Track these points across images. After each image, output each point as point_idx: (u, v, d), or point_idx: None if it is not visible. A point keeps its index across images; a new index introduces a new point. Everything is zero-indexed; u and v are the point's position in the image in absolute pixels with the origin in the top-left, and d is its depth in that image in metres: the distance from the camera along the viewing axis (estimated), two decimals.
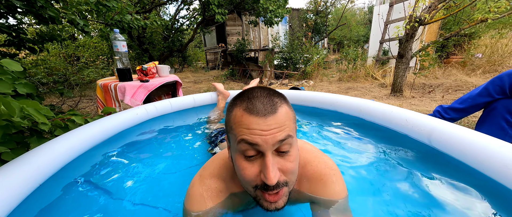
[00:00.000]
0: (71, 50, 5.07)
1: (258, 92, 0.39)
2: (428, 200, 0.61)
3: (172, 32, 6.05)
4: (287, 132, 0.37)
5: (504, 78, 1.09)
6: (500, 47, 3.86)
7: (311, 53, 4.75)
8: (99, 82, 1.53)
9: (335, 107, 1.39)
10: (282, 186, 0.38)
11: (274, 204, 0.39)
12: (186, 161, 0.98)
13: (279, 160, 0.38)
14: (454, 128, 0.73)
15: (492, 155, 0.58)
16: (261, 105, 0.36)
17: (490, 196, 0.58)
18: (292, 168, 0.38)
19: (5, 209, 0.51)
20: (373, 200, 0.65)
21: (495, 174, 0.57)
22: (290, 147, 0.38)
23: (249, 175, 0.38)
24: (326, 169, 0.47)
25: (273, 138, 0.35)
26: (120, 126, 1.16)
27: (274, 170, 0.36)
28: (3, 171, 0.55)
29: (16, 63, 0.75)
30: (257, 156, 0.37)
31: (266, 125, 0.35)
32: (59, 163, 0.73)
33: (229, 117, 0.40)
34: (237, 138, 0.37)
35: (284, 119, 0.37)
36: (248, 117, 0.36)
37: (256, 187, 0.39)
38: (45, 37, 2.44)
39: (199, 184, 0.48)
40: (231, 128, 0.39)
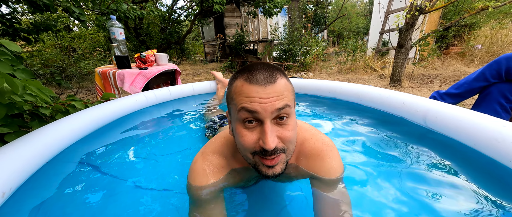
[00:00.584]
0: (66, 41, 4.98)
1: (258, 65, 0.40)
2: (424, 181, 0.63)
3: (169, 24, 5.94)
4: (286, 101, 0.38)
5: (501, 61, 1.10)
6: (499, 38, 3.84)
7: (311, 44, 4.71)
8: (98, 69, 1.53)
9: (334, 94, 1.40)
10: (280, 152, 0.40)
11: (271, 170, 0.40)
12: (185, 145, 1.00)
13: (277, 129, 0.39)
14: (447, 108, 0.75)
15: (482, 131, 0.60)
16: (261, 75, 0.38)
17: (479, 171, 0.61)
18: (290, 137, 0.40)
19: (15, 182, 0.53)
20: (372, 184, 0.66)
21: (485, 148, 0.59)
22: (288, 116, 0.39)
23: (248, 141, 0.39)
24: (323, 145, 0.49)
25: (271, 106, 0.36)
26: (120, 111, 1.17)
27: (272, 136, 0.37)
28: (13, 146, 0.57)
29: (15, 44, 0.75)
30: (257, 125, 0.39)
31: (265, 93, 0.36)
32: (64, 143, 0.74)
33: (230, 89, 0.42)
34: (238, 106, 0.38)
35: (282, 89, 0.38)
36: (248, 86, 0.37)
37: (254, 153, 0.40)
38: (40, 27, 2.40)
39: (201, 160, 0.50)
40: (232, 98, 0.40)
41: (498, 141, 0.55)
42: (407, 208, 0.53)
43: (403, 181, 0.62)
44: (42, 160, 0.65)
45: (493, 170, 0.58)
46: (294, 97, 0.42)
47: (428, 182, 0.60)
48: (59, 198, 0.62)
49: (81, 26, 5.45)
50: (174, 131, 1.18)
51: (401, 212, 0.52)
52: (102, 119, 1.02)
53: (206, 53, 8.40)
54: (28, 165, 0.59)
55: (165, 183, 0.71)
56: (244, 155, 0.44)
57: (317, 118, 1.23)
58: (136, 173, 0.77)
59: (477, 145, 0.62)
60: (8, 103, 0.70)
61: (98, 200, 0.61)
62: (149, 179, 0.73)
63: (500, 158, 0.55)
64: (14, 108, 0.77)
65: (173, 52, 7.00)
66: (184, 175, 0.74)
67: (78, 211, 0.57)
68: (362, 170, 0.70)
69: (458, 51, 4.11)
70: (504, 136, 0.55)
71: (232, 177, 0.51)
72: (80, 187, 0.67)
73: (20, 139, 0.64)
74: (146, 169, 0.79)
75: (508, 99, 1.13)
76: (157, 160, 0.86)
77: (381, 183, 0.63)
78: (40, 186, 0.63)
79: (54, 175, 0.69)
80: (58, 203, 0.60)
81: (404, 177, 0.64)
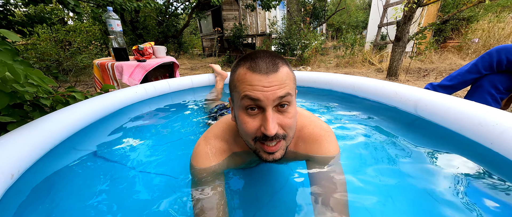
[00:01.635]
0: (61, 35, 4.89)
1: (261, 53, 0.41)
2: (414, 164, 0.67)
3: (166, 17, 5.85)
4: (287, 90, 0.39)
5: (493, 54, 1.13)
6: (496, 31, 3.86)
7: (309, 38, 4.69)
8: (96, 61, 1.53)
9: (330, 85, 1.43)
10: (280, 139, 0.41)
11: (271, 155, 0.42)
12: (184, 134, 1.02)
13: (278, 116, 0.40)
14: (436, 96, 0.78)
15: (467, 116, 0.63)
16: (264, 64, 0.38)
17: (463, 153, 0.65)
18: (290, 124, 0.41)
19: (23, 165, 0.55)
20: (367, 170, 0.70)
21: (469, 132, 0.62)
22: (289, 104, 0.40)
23: (250, 128, 0.40)
24: (321, 131, 0.51)
25: (273, 94, 0.37)
26: (120, 103, 1.18)
27: (274, 123, 0.38)
28: (21, 131, 0.59)
29: (14, 33, 0.76)
30: (259, 112, 0.40)
31: (268, 82, 0.37)
32: (67, 131, 0.76)
33: (233, 77, 0.43)
34: (241, 94, 0.39)
35: (284, 77, 0.39)
36: (251, 74, 0.38)
37: (255, 139, 0.41)
38: (34, 20, 2.36)
39: (204, 143, 0.52)
40: (235, 86, 0.41)
41: (482, 125, 0.58)
42: (398, 189, 0.57)
43: (396, 165, 0.66)
44: (46, 147, 0.67)
45: (475, 152, 0.62)
46: (295, 85, 0.43)
47: (418, 165, 0.64)
48: (64, 182, 0.64)
49: (76, 19, 5.34)
50: (173, 121, 1.20)
51: (394, 193, 0.56)
52: (103, 110, 1.04)
53: (204, 47, 8.31)
54: (34, 150, 0.61)
55: (166, 169, 0.74)
56: (246, 141, 0.45)
57: (316, 112, 1.26)
58: (137, 159, 0.79)
59: (463, 130, 0.65)
60: (10, 92, 0.71)
61: (101, 184, 0.64)
62: (150, 165, 0.76)
63: (482, 141, 0.59)
64: (16, 97, 0.79)
65: (171, 46, 6.92)
66: (183, 161, 0.77)
67: (81, 193, 0.60)
68: (358, 158, 0.74)
69: (455, 44, 4.13)
70: (487, 120, 0.58)
71: (233, 160, 0.53)
72: (83, 172, 0.70)
73: (26, 125, 0.66)
74: (147, 156, 0.82)
75: (499, 89, 1.17)
76: (158, 148, 0.89)
77: (375, 168, 0.66)
78: (46, 171, 0.66)
79: (58, 161, 0.72)
80: (62, 186, 0.62)
81: (397, 162, 0.68)
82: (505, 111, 0.60)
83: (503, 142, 0.54)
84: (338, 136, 0.84)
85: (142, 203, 0.56)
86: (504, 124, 0.55)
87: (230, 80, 0.44)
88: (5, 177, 0.50)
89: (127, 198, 0.59)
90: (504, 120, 0.55)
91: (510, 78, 1.12)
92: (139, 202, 0.56)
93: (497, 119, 0.57)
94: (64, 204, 0.56)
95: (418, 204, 0.52)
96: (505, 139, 0.53)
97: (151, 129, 1.06)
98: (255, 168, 0.60)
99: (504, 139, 0.53)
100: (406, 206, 0.52)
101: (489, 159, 0.58)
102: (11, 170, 0.52)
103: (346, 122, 1.03)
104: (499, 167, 0.56)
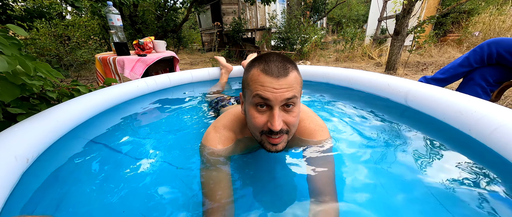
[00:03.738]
0: (60, 29, 4.88)
1: (274, 57, 0.46)
2: (404, 151, 0.71)
3: (165, 11, 5.80)
4: (294, 93, 0.44)
5: (484, 47, 1.16)
6: (497, 24, 3.84)
7: (309, 32, 4.67)
8: (98, 55, 1.56)
9: (327, 79, 1.46)
10: (284, 133, 0.47)
11: (275, 147, 0.48)
12: (186, 126, 1.07)
13: (284, 114, 0.46)
14: (425, 87, 0.82)
15: (451, 106, 0.67)
16: (276, 68, 0.43)
17: (445, 140, 0.69)
18: (293, 122, 0.47)
19: (36, 150, 0.60)
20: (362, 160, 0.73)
21: (452, 120, 0.67)
22: (294, 105, 0.46)
23: (258, 123, 0.46)
24: (316, 126, 0.58)
25: (281, 96, 0.43)
26: (123, 96, 1.23)
27: (279, 120, 0.44)
28: (33, 119, 0.63)
29: (20, 28, 0.79)
30: (267, 109, 0.45)
31: (278, 84, 0.42)
32: (73, 122, 0.81)
33: (247, 76, 0.48)
34: (253, 93, 0.44)
35: (293, 82, 0.44)
36: (264, 76, 0.43)
37: (262, 132, 0.47)
38: (33, 14, 2.37)
39: (214, 132, 0.58)
40: (248, 84, 0.47)
41: (462, 113, 0.63)
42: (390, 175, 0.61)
43: (387, 153, 0.71)
44: (56, 135, 0.72)
45: (456, 138, 0.66)
46: (301, 88, 0.49)
47: (407, 151, 0.69)
48: (72, 168, 0.69)
49: (75, 13, 5.30)
50: (174, 113, 1.25)
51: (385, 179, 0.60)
52: (107, 102, 1.08)
53: (204, 42, 8.27)
54: (46, 137, 0.66)
55: (169, 158, 0.78)
56: (253, 133, 0.51)
57: (314, 104, 1.30)
58: (141, 149, 0.84)
59: (446, 118, 0.69)
60: (20, 84, 0.75)
61: (106, 171, 0.68)
62: (153, 155, 0.80)
63: (462, 128, 0.63)
64: (25, 90, 0.83)
65: (170, 41, 6.90)
66: (186, 151, 0.82)
67: (88, 179, 0.65)
68: (353, 146, 0.78)
69: (455, 38, 4.11)
70: (467, 109, 0.62)
71: (238, 147, 0.60)
72: (89, 160, 0.74)
73: (38, 115, 0.70)
74: (150, 146, 0.86)
75: (489, 82, 1.20)
76: (160, 138, 0.94)
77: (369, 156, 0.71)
78: (56, 158, 0.71)
79: (66, 149, 0.77)
80: (70, 173, 0.67)
81: (388, 150, 0.72)
82: (484, 100, 0.64)
83: (479, 128, 0.58)
84: (336, 127, 0.89)
85: (146, 190, 0.60)
86: (481, 112, 0.59)
87: (244, 78, 0.50)
88: (21, 161, 0.55)
89: (131, 185, 0.63)
90: (482, 108, 0.60)
91: (500, 71, 1.15)
92: (143, 190, 0.60)
93: (475, 107, 0.61)
94: (73, 189, 0.60)
95: (406, 188, 0.56)
96: (482, 125, 0.58)
97: (154, 121, 1.11)
98: (256, 153, 0.67)
99: (480, 125, 0.58)
100: (394, 191, 0.56)
101: (467, 145, 0.63)
102: (27, 155, 0.57)
103: (342, 111, 1.07)
104: (474, 152, 0.61)
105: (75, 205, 0.55)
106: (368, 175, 0.60)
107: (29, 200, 0.54)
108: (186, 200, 0.56)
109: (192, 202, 0.55)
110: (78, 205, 0.55)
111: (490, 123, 0.56)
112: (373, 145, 0.75)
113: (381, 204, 0.52)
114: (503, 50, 1.08)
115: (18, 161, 0.54)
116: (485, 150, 0.58)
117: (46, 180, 0.61)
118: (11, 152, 0.53)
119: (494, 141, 0.54)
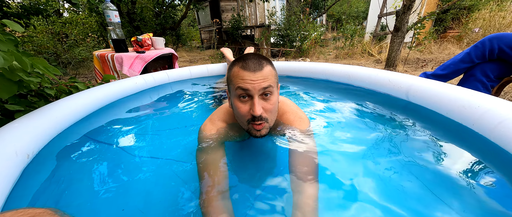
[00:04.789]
0: (58, 27, 4.82)
1: (251, 55, 0.55)
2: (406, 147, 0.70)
3: (163, 8, 5.74)
4: (269, 83, 0.52)
5: (486, 42, 1.15)
6: (497, 21, 3.83)
7: (308, 29, 4.64)
8: (96, 52, 1.54)
9: (326, 75, 1.45)
10: (264, 121, 0.55)
11: (259, 132, 0.56)
12: (184, 122, 1.06)
13: (263, 102, 0.54)
14: (426, 83, 0.81)
15: (454, 100, 0.67)
16: (252, 64, 0.52)
17: (449, 134, 0.69)
18: (271, 108, 0.55)
19: (37, 146, 0.59)
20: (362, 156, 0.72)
21: (455, 115, 0.66)
22: (271, 93, 0.54)
23: (243, 111, 0.54)
24: (296, 118, 0.65)
25: (259, 85, 0.51)
26: (121, 93, 1.22)
27: (259, 106, 0.52)
28: (32, 115, 0.63)
29: (16, 24, 0.77)
30: (248, 99, 0.53)
31: (255, 77, 0.51)
32: (73, 118, 0.80)
33: (229, 73, 0.56)
34: (235, 86, 0.53)
35: (267, 74, 0.53)
36: (243, 71, 0.52)
37: (248, 121, 0.55)
38: (30, 11, 2.33)
39: (210, 123, 0.67)
40: (231, 80, 0.55)
41: (465, 108, 0.62)
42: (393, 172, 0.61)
43: (388, 148, 0.70)
44: (54, 131, 0.71)
45: (459, 133, 0.66)
46: (276, 80, 0.57)
47: (409, 147, 0.68)
48: (71, 164, 0.68)
49: (72, 10, 5.23)
50: (174, 111, 1.24)
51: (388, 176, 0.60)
52: (105, 99, 1.07)
53: (203, 40, 8.21)
54: (45, 133, 0.65)
55: (167, 153, 0.78)
56: (240, 122, 0.59)
57: (313, 101, 1.29)
58: (140, 145, 0.83)
59: (449, 113, 0.69)
60: (18, 81, 0.74)
61: (105, 167, 0.68)
62: (152, 151, 0.80)
63: (465, 122, 0.63)
64: (23, 87, 0.82)
65: (169, 39, 6.84)
66: (185, 147, 0.81)
67: (88, 175, 0.64)
68: (354, 142, 0.78)
69: (455, 34, 4.10)
70: (470, 103, 0.62)
71: (231, 132, 0.69)
72: (89, 156, 0.74)
73: (37, 111, 0.69)
74: (149, 142, 0.86)
75: (489, 77, 1.20)
76: (159, 134, 0.93)
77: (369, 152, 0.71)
78: (55, 154, 0.70)
79: (65, 146, 0.76)
80: (70, 168, 0.67)
81: (389, 146, 0.72)
82: (487, 95, 0.63)
83: (483, 122, 0.58)
84: (336, 124, 0.89)
85: (145, 186, 0.60)
86: (485, 106, 0.58)
87: (227, 76, 0.58)
88: (22, 157, 0.54)
89: (130, 181, 0.62)
90: (485, 102, 0.59)
91: (501, 66, 1.15)
92: (142, 186, 0.60)
93: (479, 101, 0.60)
94: (73, 186, 0.60)
95: (408, 182, 0.56)
96: (486, 119, 0.57)
97: (153, 117, 1.10)
98: (248, 141, 0.74)
99: (484, 119, 0.57)
100: (396, 186, 0.56)
101: (470, 139, 0.63)
102: (27, 150, 0.56)
103: (342, 108, 1.07)
104: (477, 146, 0.61)
105: (74, 201, 0.54)
106: (369, 170, 0.60)
107: (30, 195, 0.53)
108: (185, 197, 0.56)
109: (191, 198, 0.55)
110: (77, 201, 0.54)
111: (494, 117, 0.55)
112: (373, 142, 0.75)
113: (383, 199, 0.51)
114: (505, 45, 1.07)
115: (19, 157, 0.53)
116: (489, 144, 0.57)
117: (45, 176, 0.61)
118: (12, 148, 0.53)
119: (498, 135, 0.54)
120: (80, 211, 0.51)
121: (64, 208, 0.50)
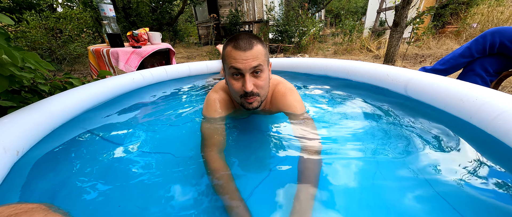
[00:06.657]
0: (51, 22, 4.71)
1: (242, 35, 0.58)
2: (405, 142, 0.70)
3: (160, 3, 5.63)
4: (259, 61, 0.56)
5: (487, 36, 1.14)
6: (495, 16, 3.82)
7: (307, 25, 4.60)
8: (91, 47, 1.51)
9: (325, 71, 1.44)
10: (255, 95, 0.60)
11: (251, 105, 0.61)
12: (183, 118, 1.05)
13: (254, 79, 0.58)
14: (424, 76, 0.80)
15: (451, 94, 0.66)
16: (243, 43, 0.55)
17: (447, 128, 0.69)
18: (262, 85, 0.60)
19: (27, 142, 0.58)
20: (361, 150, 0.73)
21: (452, 108, 0.66)
22: (261, 71, 0.58)
23: (236, 87, 0.59)
24: (286, 89, 0.72)
25: (249, 64, 0.55)
26: (118, 89, 1.20)
27: (250, 83, 0.57)
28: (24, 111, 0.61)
29: (6, 16, 0.75)
30: (241, 77, 0.58)
31: (245, 56, 0.55)
32: (68, 114, 0.78)
33: (224, 53, 0.60)
34: (229, 65, 0.57)
35: (257, 53, 0.56)
36: (235, 51, 0.56)
37: (240, 96, 0.60)
38: (22, 5, 2.27)
39: (214, 93, 0.75)
40: (225, 59, 0.59)
41: (463, 101, 0.62)
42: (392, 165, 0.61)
43: (386, 143, 0.70)
44: (48, 127, 0.70)
45: (457, 127, 0.66)
46: (267, 58, 0.61)
47: (407, 142, 0.68)
48: (66, 160, 0.67)
49: (66, 4, 5.10)
50: (171, 107, 1.23)
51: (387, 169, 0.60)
52: (102, 95, 1.05)
53: (200, 35, 8.11)
54: (38, 130, 0.64)
55: (165, 148, 0.77)
56: (235, 98, 0.65)
57: (311, 96, 1.28)
58: (137, 141, 0.82)
59: (447, 107, 0.69)
60: (8, 76, 0.72)
61: (102, 164, 0.67)
62: (150, 146, 0.79)
63: (463, 116, 0.63)
64: (15, 82, 0.79)
65: (166, 35, 6.74)
66: (182, 141, 0.80)
67: (83, 172, 0.63)
68: (353, 138, 0.77)
69: (454, 29, 4.09)
70: (468, 96, 0.62)
71: (232, 108, 0.76)
72: (84, 152, 0.72)
73: (29, 106, 0.68)
74: (146, 138, 0.85)
75: (489, 71, 1.20)
76: (157, 130, 0.92)
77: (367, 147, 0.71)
78: (49, 150, 0.69)
79: (60, 142, 0.74)
80: (65, 165, 0.65)
81: (388, 141, 0.72)
82: (485, 87, 0.63)
83: (481, 115, 0.58)
84: (335, 120, 0.88)
85: (142, 182, 0.59)
86: (482, 99, 0.58)
87: (222, 55, 0.62)
88: (11, 153, 0.53)
89: (126, 177, 0.61)
90: (483, 95, 0.59)
91: (500, 60, 1.15)
92: (139, 181, 0.59)
93: (476, 94, 0.60)
94: (67, 182, 0.58)
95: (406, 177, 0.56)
96: (483, 112, 0.57)
97: (150, 113, 1.09)
98: (247, 119, 0.79)
99: (482, 112, 0.57)
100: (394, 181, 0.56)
101: (468, 133, 0.63)
102: (16, 147, 0.54)
103: (341, 103, 1.06)
104: (475, 139, 0.61)
105: (69, 197, 0.53)
106: (367, 165, 0.60)
107: (21, 192, 0.52)
108: (183, 192, 0.56)
109: (189, 193, 0.55)
110: (73, 197, 0.53)
111: (492, 110, 0.55)
112: (372, 137, 0.75)
113: (380, 193, 0.51)
114: (506, 39, 1.06)
115: (7, 153, 0.52)
116: (487, 137, 0.57)
117: (39, 173, 0.60)
118: (0, 144, 0.51)
119: (496, 128, 0.54)
120: (75, 207, 0.50)
121: (59, 204, 0.50)
